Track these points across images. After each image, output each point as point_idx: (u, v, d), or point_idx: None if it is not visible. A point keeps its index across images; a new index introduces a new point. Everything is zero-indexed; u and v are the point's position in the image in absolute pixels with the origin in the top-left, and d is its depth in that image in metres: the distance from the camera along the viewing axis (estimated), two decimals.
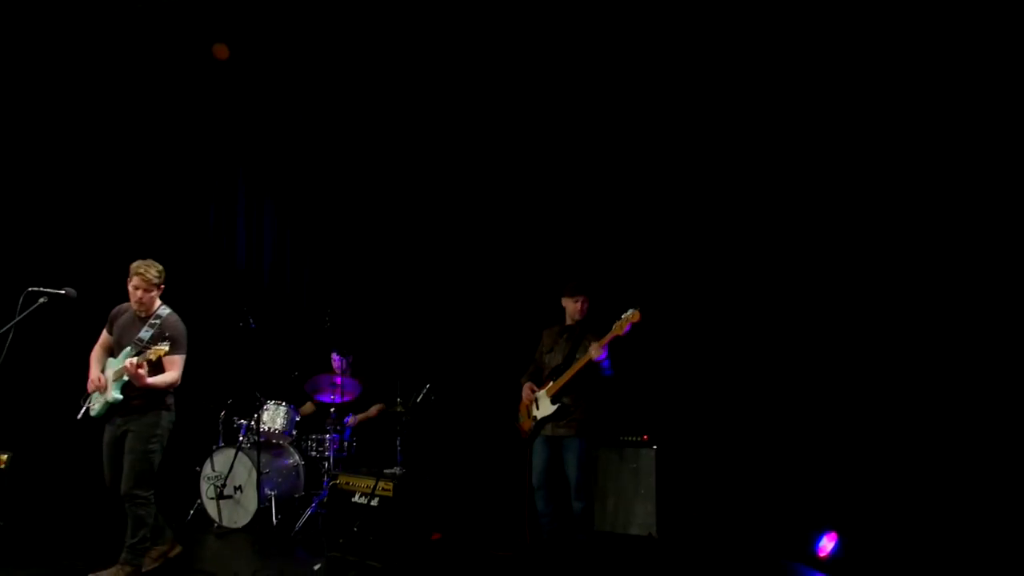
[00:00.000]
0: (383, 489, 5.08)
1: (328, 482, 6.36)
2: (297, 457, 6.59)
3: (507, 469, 6.37)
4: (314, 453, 6.74)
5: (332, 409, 6.60)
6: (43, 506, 6.56)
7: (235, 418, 6.61)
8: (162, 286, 4.82)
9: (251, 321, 6.45)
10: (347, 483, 5.36)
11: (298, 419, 6.66)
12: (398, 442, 6.52)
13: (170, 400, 4.84)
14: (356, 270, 7.90)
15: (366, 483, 5.22)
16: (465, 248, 7.41)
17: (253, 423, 6.38)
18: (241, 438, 6.44)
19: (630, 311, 4.91)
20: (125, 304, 4.92)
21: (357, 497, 5.27)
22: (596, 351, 4.95)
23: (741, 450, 6.09)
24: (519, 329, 6.60)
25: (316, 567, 5.15)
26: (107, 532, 5.87)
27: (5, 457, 5.90)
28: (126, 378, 4.61)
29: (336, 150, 7.90)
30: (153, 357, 4.53)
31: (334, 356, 7.02)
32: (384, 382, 7.07)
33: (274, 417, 6.47)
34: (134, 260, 4.82)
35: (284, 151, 8.05)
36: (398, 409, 6.52)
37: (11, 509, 5.89)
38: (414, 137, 7.55)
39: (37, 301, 4.35)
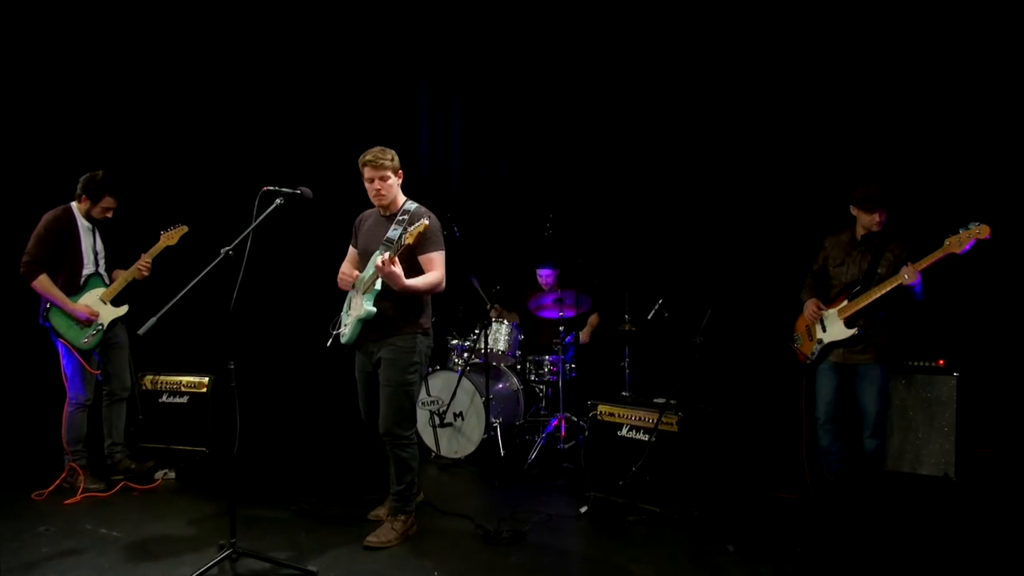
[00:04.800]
0: (665, 423, 4.29)
1: (586, 413, 5.70)
2: (516, 381, 5.89)
3: (775, 399, 5.56)
4: (532, 376, 6.02)
5: (560, 327, 5.83)
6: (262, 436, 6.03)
7: (448, 337, 5.91)
8: (400, 172, 3.99)
9: (455, 230, 5.66)
10: (610, 414, 4.59)
11: (521, 338, 5.91)
12: (626, 364, 5.79)
13: (428, 323, 4.06)
14: (566, 169, 6.87)
15: (639, 414, 4.44)
16: (702, 131, 6.34)
17: (470, 343, 5.69)
18: (458, 359, 5.76)
19: (975, 225, 3.94)
20: (368, 211, 4.19)
21: (625, 431, 4.50)
22: (911, 275, 4.04)
23: None
24: (783, 232, 5.77)
25: (582, 509, 4.48)
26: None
27: (207, 380, 5.39)
28: (378, 287, 3.85)
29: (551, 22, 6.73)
30: (409, 240, 3.68)
31: (541, 271, 6.23)
32: (604, 294, 6.27)
33: (496, 337, 5.73)
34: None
35: (476, 36, 6.96)
36: (627, 327, 5.76)
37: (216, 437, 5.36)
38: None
39: (274, 202, 3.81)
